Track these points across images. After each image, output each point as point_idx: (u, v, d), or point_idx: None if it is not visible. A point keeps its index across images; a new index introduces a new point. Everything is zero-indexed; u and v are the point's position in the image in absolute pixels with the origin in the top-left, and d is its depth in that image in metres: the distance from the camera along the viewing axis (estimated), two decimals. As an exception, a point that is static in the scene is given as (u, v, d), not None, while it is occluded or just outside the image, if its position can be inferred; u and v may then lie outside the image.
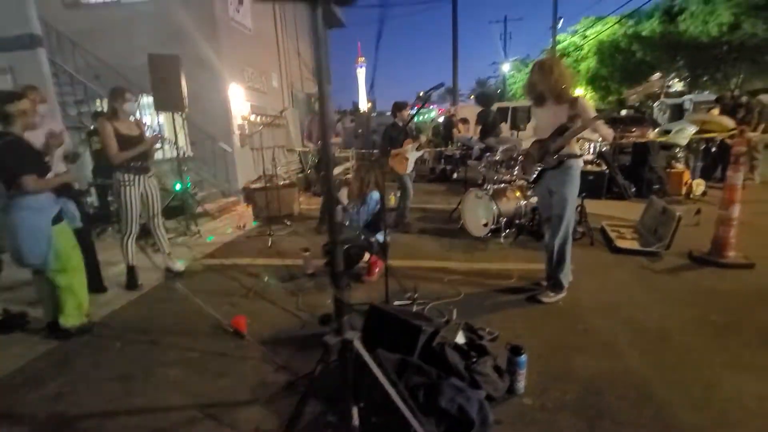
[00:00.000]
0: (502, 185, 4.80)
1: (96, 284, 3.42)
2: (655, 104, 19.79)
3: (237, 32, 8.01)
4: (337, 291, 1.34)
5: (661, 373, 2.12)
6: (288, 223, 5.62)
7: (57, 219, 2.62)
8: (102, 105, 6.62)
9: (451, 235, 4.82)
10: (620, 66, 18.57)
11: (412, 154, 4.99)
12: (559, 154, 2.83)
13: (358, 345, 1.39)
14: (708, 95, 16.14)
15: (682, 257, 3.79)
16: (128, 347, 2.61)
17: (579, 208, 4.45)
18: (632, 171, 6.90)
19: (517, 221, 4.60)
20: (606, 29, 19.02)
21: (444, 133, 10.14)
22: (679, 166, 6.72)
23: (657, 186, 6.57)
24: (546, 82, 2.76)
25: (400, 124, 5.01)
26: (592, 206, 5.87)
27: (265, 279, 3.61)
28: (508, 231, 4.52)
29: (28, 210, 2.50)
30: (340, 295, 1.34)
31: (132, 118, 3.57)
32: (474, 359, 1.93)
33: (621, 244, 4.10)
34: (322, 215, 5.37)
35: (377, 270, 3.51)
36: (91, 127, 5.80)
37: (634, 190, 6.58)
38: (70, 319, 2.68)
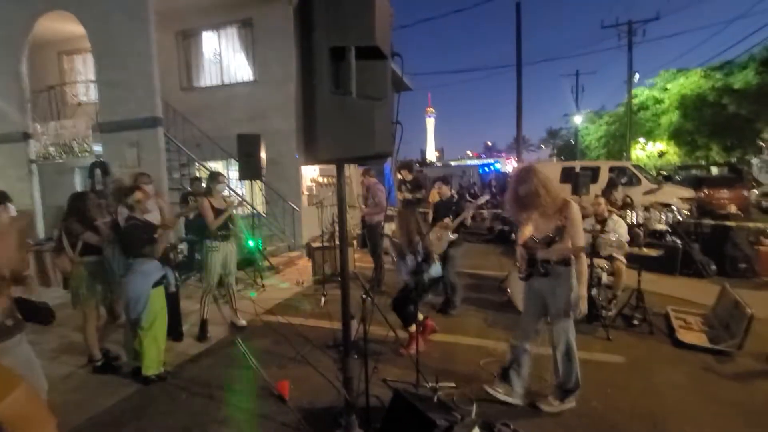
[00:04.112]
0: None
1: (176, 333, 4.02)
2: (754, 160, 17.79)
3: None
4: (348, 395, 1.57)
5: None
6: (342, 281, 5.98)
7: (157, 283, 3.26)
8: (200, 170, 7.88)
9: (496, 308, 4.78)
10: (708, 120, 17.21)
11: (445, 235, 4.62)
12: (545, 266, 2.66)
13: (364, 444, 1.59)
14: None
15: (760, 360, 3.38)
16: (191, 399, 3.04)
17: (636, 291, 4.21)
18: (713, 245, 6.29)
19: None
20: (689, 82, 17.95)
21: (497, 192, 10.19)
22: (771, 243, 6.00)
23: (744, 265, 5.91)
24: (528, 194, 2.59)
25: (454, 200, 4.90)
26: (662, 285, 5.41)
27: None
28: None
29: (136, 274, 3.18)
30: (351, 399, 1.57)
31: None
32: (485, 462, 1.99)
33: (684, 336, 3.76)
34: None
35: (414, 344, 3.62)
36: (188, 189, 6.90)
37: (714, 268, 5.96)
38: (150, 369, 3.21)
